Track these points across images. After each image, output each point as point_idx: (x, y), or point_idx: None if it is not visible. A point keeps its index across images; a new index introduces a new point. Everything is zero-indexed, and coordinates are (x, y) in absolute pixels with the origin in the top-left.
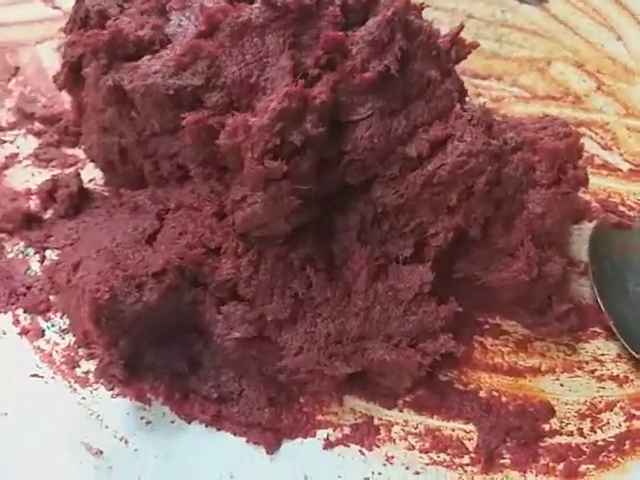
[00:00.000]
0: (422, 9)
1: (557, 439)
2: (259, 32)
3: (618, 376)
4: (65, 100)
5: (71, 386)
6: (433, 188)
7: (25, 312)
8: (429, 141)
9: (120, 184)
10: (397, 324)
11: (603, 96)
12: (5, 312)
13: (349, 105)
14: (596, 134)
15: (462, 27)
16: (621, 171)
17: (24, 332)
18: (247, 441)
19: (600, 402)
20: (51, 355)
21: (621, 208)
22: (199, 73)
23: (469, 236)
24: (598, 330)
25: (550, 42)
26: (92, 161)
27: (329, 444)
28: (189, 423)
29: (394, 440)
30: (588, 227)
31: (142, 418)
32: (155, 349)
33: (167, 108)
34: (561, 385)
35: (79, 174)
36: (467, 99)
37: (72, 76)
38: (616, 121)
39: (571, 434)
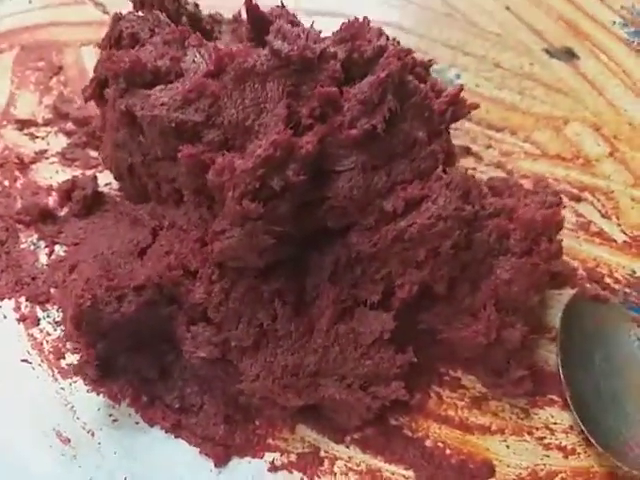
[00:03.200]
0: (430, 65)
1: None
2: (261, 79)
3: (565, 447)
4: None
5: (54, 375)
6: (403, 243)
7: (27, 300)
8: (405, 199)
9: (128, 195)
10: (353, 366)
11: (614, 163)
12: (9, 298)
13: (335, 156)
14: (598, 201)
15: (461, 89)
16: (615, 242)
17: (22, 319)
18: (200, 452)
19: (542, 470)
20: (42, 344)
21: (607, 280)
22: (201, 110)
23: (435, 291)
24: (555, 398)
25: (572, 101)
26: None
27: (274, 467)
28: (151, 427)
29: (335, 474)
30: (569, 294)
31: (110, 415)
32: (130, 354)
33: (170, 137)
34: (507, 447)
35: (96, 178)
36: (480, 151)
37: (98, 91)
38: (622, 190)
39: None
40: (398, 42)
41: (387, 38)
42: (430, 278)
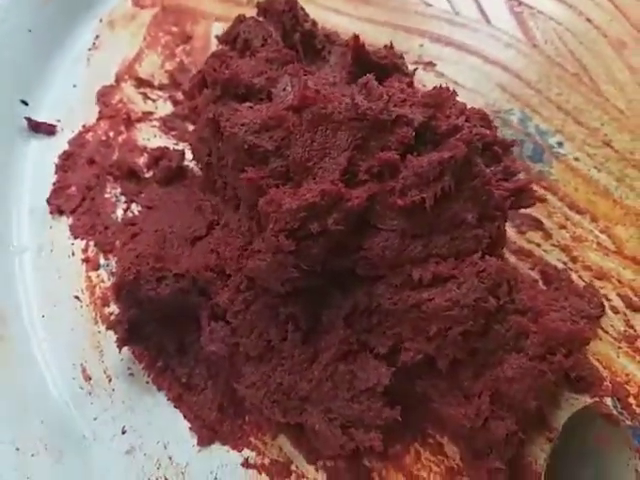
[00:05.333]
0: (510, 147)
1: None
2: (334, 126)
3: None
4: None
5: (95, 318)
6: (419, 313)
7: (95, 245)
8: (434, 274)
9: (202, 180)
10: (340, 405)
11: None
12: (82, 239)
13: (379, 214)
14: None
15: (530, 182)
16: None
17: (86, 260)
18: (190, 428)
19: None
20: (94, 287)
21: (630, 400)
22: (273, 139)
23: (437, 365)
24: None
25: None
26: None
27: (247, 464)
28: (158, 391)
29: None
30: (585, 402)
31: (129, 368)
32: (157, 325)
33: (241, 155)
34: None
35: (184, 154)
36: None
37: (201, 83)
38: None
39: None
40: (486, 118)
41: (467, 119)
42: (435, 353)
